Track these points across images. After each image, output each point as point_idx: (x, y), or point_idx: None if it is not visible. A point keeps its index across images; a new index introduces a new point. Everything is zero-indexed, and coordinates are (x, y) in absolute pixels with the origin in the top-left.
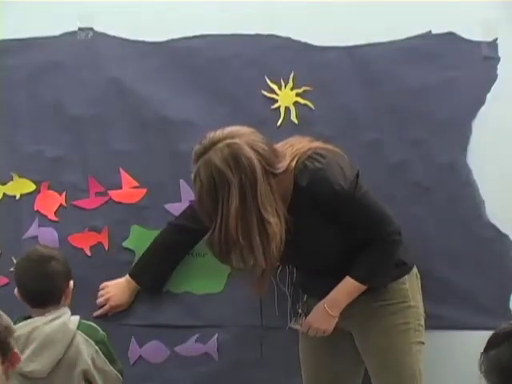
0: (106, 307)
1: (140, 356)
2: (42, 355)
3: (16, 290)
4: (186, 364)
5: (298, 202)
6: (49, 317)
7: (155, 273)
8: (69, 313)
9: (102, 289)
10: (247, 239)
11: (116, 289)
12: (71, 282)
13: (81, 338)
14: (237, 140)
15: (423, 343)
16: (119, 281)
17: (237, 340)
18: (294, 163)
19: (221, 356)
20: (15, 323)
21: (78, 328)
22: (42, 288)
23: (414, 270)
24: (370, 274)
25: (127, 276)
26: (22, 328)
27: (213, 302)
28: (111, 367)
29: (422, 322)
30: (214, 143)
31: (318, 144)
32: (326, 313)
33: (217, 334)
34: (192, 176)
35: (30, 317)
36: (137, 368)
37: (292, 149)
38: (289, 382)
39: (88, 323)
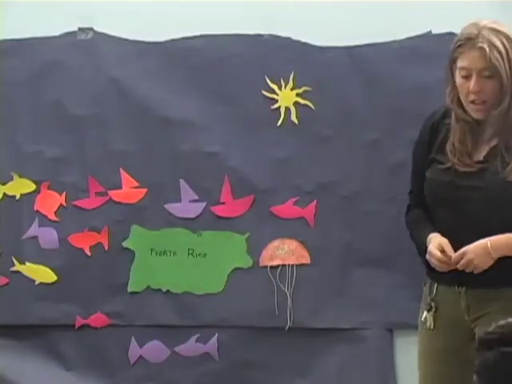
0: None
1: (140, 356)
2: None
3: None
4: (186, 364)
5: None
6: None
7: None
8: None
9: None
10: None
11: None
12: None
13: None
14: None
15: None
16: None
17: (237, 340)
18: None
19: (221, 356)
20: None
21: None
22: None
23: None
24: None
25: None
26: None
27: (213, 302)
28: None
29: None
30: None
31: None
32: (486, 250)
33: (217, 334)
34: (478, 45)
35: None
36: (137, 368)
37: None
38: (289, 383)
39: None
